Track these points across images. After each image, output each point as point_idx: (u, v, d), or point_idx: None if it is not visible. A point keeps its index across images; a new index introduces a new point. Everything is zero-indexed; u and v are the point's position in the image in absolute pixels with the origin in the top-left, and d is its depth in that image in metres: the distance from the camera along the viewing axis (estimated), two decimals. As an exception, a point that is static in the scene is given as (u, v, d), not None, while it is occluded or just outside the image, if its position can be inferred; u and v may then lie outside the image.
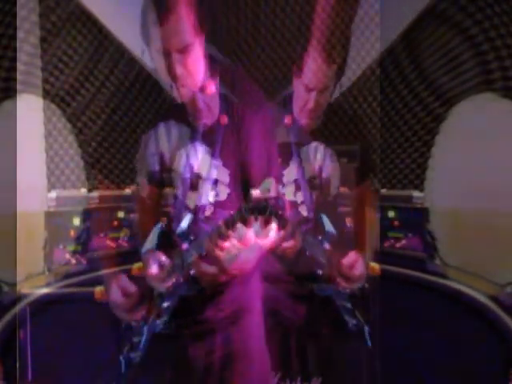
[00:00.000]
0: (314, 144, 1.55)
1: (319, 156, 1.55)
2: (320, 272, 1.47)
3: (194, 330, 1.47)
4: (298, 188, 1.53)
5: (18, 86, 2.37)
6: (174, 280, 1.40)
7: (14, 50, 2.35)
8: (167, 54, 1.35)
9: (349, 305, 1.50)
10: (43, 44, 2.47)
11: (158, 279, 1.40)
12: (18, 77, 2.37)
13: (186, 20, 1.31)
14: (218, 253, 1.25)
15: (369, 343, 1.49)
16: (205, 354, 1.46)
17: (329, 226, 1.42)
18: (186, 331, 1.47)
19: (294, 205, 1.53)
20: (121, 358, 1.48)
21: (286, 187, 1.52)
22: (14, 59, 2.36)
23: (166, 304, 1.45)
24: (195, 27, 1.34)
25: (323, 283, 1.48)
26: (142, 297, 1.46)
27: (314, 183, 1.54)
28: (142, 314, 1.47)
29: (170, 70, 1.36)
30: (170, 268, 1.39)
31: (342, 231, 1.65)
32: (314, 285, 1.49)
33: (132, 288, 1.46)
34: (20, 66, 2.38)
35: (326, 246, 1.48)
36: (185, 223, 1.44)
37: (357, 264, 1.46)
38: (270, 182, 1.16)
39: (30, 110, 2.50)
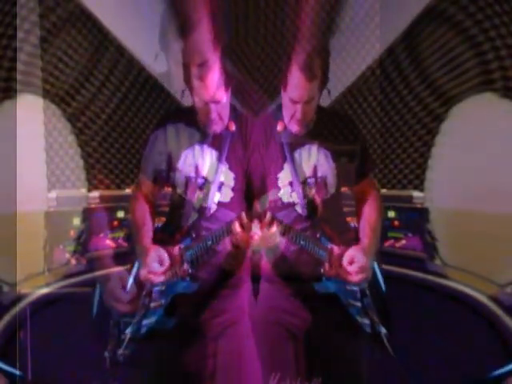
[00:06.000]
0: (307, 145, 1.59)
1: (313, 156, 1.59)
2: (321, 270, 1.48)
3: (186, 331, 1.49)
4: (293, 189, 1.56)
5: (18, 86, 2.37)
6: (170, 275, 1.43)
7: (14, 50, 2.35)
8: (186, 67, 1.43)
9: (358, 303, 1.50)
10: (43, 44, 2.47)
11: (156, 273, 1.43)
12: (18, 77, 2.37)
13: (206, 37, 1.40)
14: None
15: (388, 347, 1.47)
16: (195, 359, 1.48)
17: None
18: (178, 331, 1.48)
19: (291, 205, 1.55)
20: (106, 354, 1.48)
21: (282, 190, 1.56)
22: (14, 59, 2.36)
23: (154, 303, 1.46)
24: (214, 43, 1.41)
25: (324, 280, 1.49)
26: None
27: (308, 184, 1.57)
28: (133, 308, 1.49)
29: (188, 81, 1.45)
30: (168, 263, 1.42)
31: (344, 230, 1.65)
32: (314, 283, 1.49)
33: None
34: (20, 66, 2.38)
35: (327, 244, 1.49)
36: (190, 221, 1.49)
37: (356, 258, 1.47)
38: (266, 198, 1.37)
39: (30, 110, 2.50)
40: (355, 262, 1.47)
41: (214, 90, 1.43)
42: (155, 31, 2.45)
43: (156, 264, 1.45)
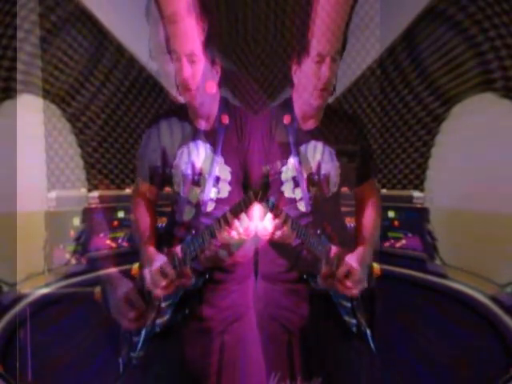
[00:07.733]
0: (312, 142, 1.57)
1: (318, 154, 1.57)
2: (319, 266, 1.48)
3: (192, 327, 1.48)
4: (296, 185, 1.55)
5: (18, 86, 2.37)
6: (176, 286, 1.42)
7: (14, 49, 2.35)
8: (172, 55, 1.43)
9: (348, 304, 1.50)
10: (43, 44, 2.47)
11: (160, 286, 1.42)
12: (18, 77, 2.37)
13: (192, 26, 1.39)
14: (225, 238, 1.35)
15: (372, 346, 1.49)
16: (201, 355, 1.48)
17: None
18: (184, 328, 1.47)
19: (293, 201, 1.55)
20: (120, 358, 1.48)
21: (284, 184, 1.54)
22: (14, 59, 2.36)
23: (165, 303, 1.46)
24: (200, 32, 1.40)
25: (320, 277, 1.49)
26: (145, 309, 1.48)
27: (312, 180, 1.56)
28: (142, 322, 1.48)
29: (179, 71, 1.44)
30: (173, 276, 1.40)
31: (342, 230, 1.65)
32: (311, 279, 1.49)
33: (140, 303, 1.49)
34: (20, 66, 2.38)
35: (327, 244, 1.49)
36: (187, 217, 1.47)
37: (352, 272, 1.46)
38: (272, 202, 1.29)
39: (30, 110, 2.50)
40: (351, 275, 1.46)
41: (200, 78, 1.43)
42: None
43: (160, 279, 1.42)
